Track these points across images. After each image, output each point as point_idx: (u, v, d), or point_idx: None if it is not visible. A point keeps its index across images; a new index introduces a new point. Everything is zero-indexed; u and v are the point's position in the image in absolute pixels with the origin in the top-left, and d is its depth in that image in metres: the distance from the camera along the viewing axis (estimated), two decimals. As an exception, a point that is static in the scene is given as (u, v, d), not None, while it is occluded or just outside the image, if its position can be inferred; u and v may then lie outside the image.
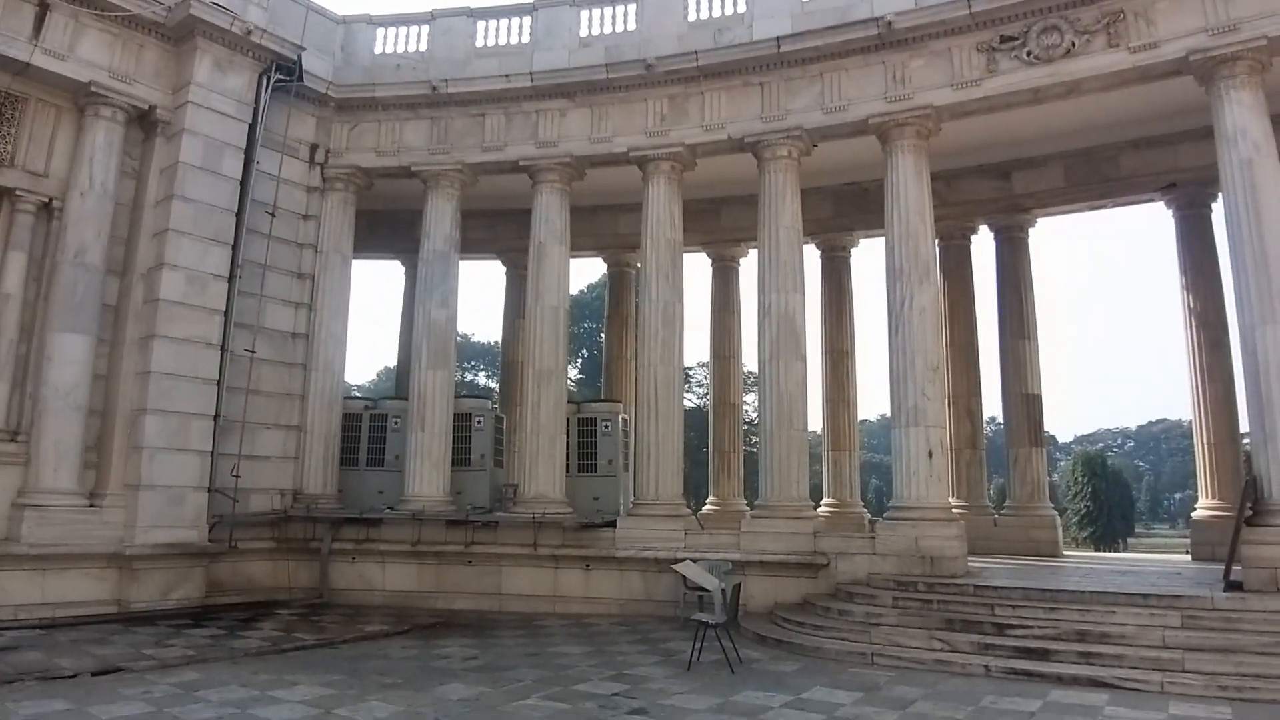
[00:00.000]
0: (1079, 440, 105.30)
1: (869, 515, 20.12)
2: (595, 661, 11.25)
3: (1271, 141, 12.19)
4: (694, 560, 14.00)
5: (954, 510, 18.61)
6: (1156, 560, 17.35)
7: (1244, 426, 17.43)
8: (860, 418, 22.31)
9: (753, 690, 9.58)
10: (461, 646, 12.29)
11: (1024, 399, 18.68)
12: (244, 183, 15.66)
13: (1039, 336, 19.10)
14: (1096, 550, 59.93)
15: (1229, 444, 16.94)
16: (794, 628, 12.35)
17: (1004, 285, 19.33)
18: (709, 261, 22.51)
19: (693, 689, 9.66)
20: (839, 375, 20.13)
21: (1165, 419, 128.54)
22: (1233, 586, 11.13)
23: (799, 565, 13.94)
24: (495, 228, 21.38)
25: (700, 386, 73.31)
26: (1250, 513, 11.43)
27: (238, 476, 15.27)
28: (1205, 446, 17.17)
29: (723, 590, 13.93)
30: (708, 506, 21.53)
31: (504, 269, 23.06)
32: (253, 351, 15.89)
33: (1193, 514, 17.50)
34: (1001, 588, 11.88)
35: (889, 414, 14.18)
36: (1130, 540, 70.45)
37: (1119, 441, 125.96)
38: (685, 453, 16.67)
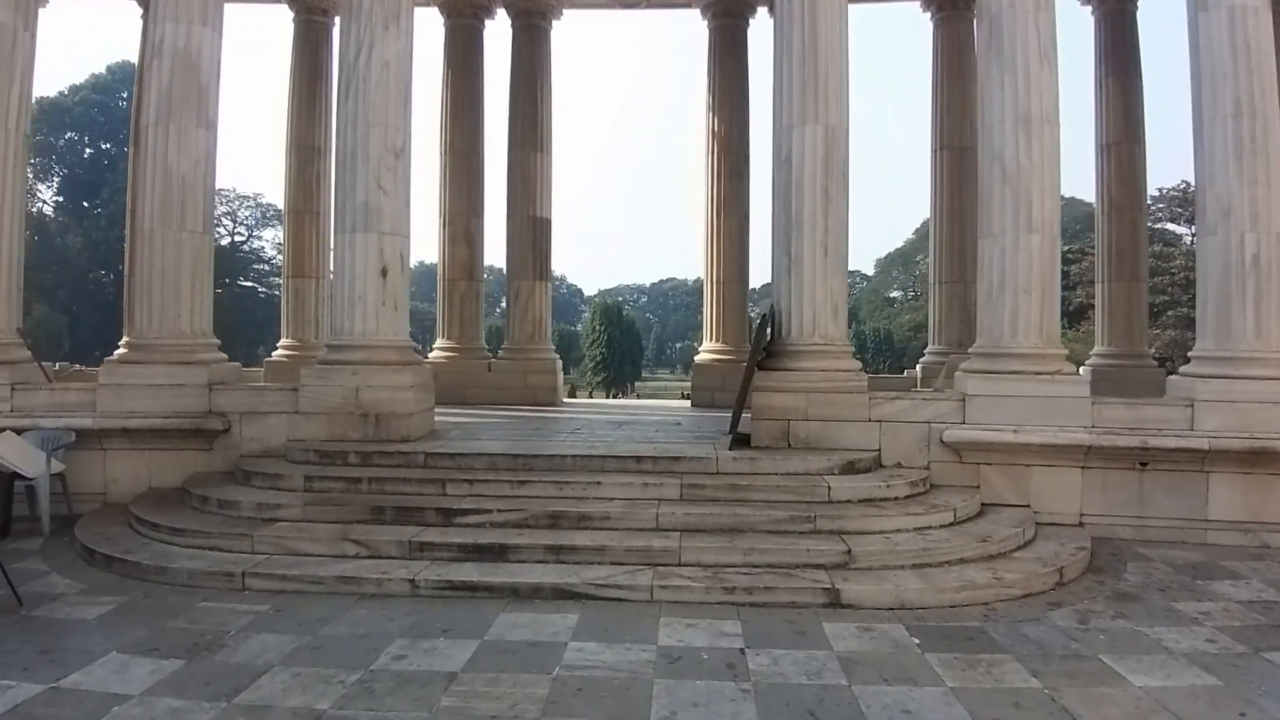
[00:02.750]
0: (602, 294, 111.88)
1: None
2: None
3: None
4: (18, 431, 8.93)
5: (444, 353, 15.31)
6: (657, 407, 15.72)
7: (755, 265, 16.24)
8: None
9: (-19, 675, 5.07)
10: None
11: (531, 223, 15.59)
12: None
13: (554, 151, 16.01)
14: (607, 395, 63.28)
15: (737, 283, 15.56)
16: (148, 531, 7.87)
17: (518, 84, 15.78)
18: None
19: None
20: (307, 179, 15.21)
21: (674, 278, 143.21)
22: (740, 441, 8.98)
23: (186, 432, 9.35)
24: None
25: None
26: (764, 355, 9.28)
27: None
28: (714, 285, 15.63)
29: (62, 475, 9.13)
30: (123, 350, 15.73)
31: None
32: None
33: (695, 358, 16.08)
34: (463, 455, 8.51)
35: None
36: (638, 384, 76.46)
37: (635, 296, 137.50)
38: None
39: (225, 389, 9.54)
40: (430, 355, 15.65)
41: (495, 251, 16.93)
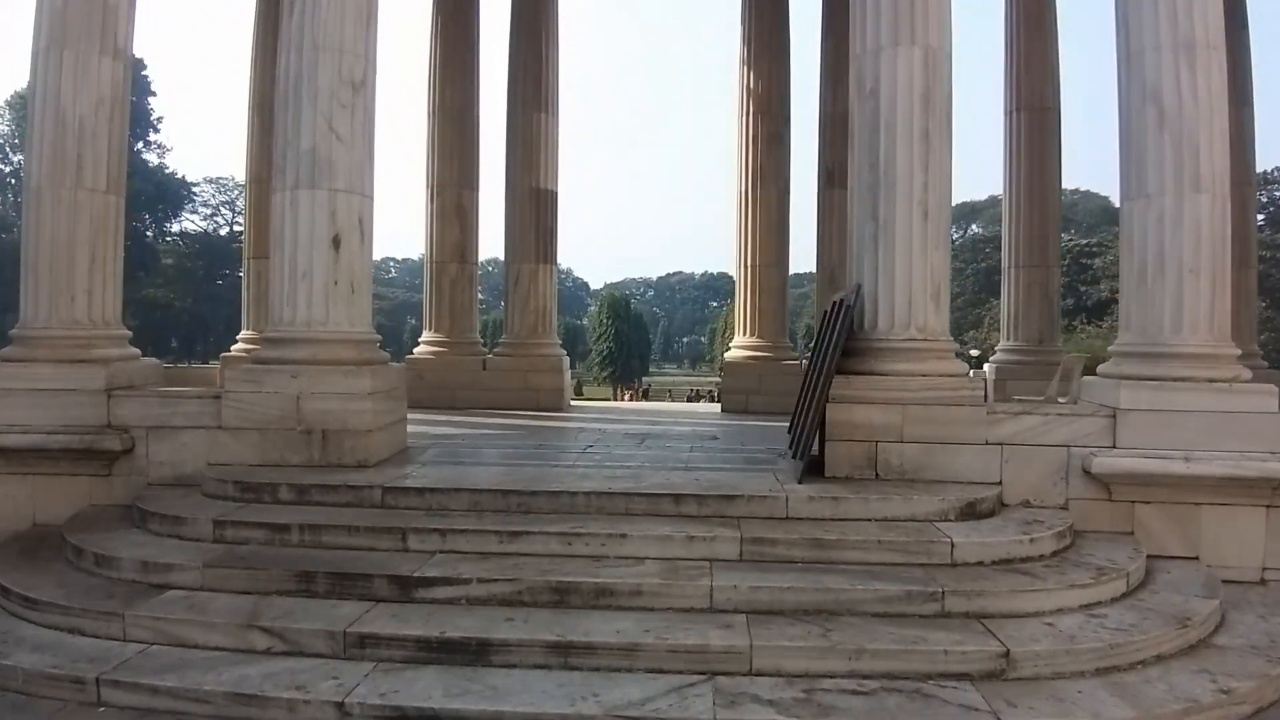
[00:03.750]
0: (608, 287, 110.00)
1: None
2: None
3: None
4: None
5: (431, 348, 13.04)
6: (682, 414, 13.43)
7: (797, 247, 13.94)
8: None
9: None
10: None
11: (534, 195, 13.27)
12: None
13: (560, 112, 13.70)
14: (615, 393, 60.89)
15: (775, 267, 13.27)
16: (-9, 598, 5.62)
17: (519, 35, 13.45)
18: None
19: None
20: (271, 143, 12.86)
21: (681, 271, 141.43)
22: (811, 470, 6.67)
23: (76, 453, 7.06)
24: None
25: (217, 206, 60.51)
26: (840, 354, 6.95)
27: None
28: (748, 270, 13.33)
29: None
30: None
31: None
32: None
33: (726, 355, 13.77)
34: (435, 490, 6.21)
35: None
36: (644, 379, 74.33)
37: (642, 290, 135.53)
38: None
39: (129, 396, 7.25)
40: (415, 351, 13.41)
41: (493, 231, 14.64)
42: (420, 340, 13.48)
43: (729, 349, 13.80)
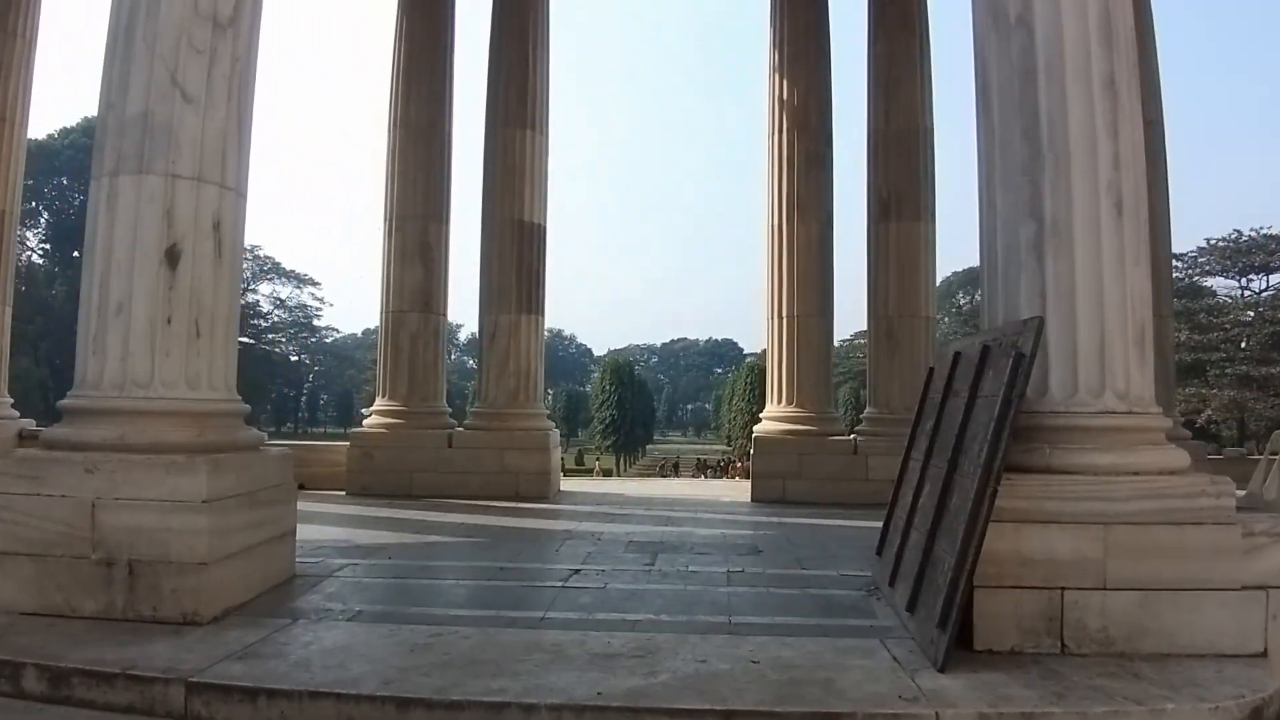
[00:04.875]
0: (612, 354, 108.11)
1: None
2: None
3: None
4: None
5: (385, 419, 10.38)
6: (701, 503, 10.56)
7: (836, 299, 11.31)
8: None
9: None
10: None
11: (517, 230, 10.71)
12: None
13: (549, 130, 11.23)
14: (617, 464, 57.86)
15: (817, 317, 10.60)
16: None
17: (502, 37, 11.08)
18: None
19: None
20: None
21: (685, 338, 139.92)
22: (961, 646, 3.88)
23: None
24: None
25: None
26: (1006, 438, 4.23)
27: None
28: (781, 321, 10.67)
29: None
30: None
31: None
32: None
33: (756, 428, 11.00)
34: (277, 694, 3.43)
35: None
36: (649, 447, 71.36)
37: (646, 356, 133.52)
38: None
39: None
40: (365, 423, 10.71)
41: (466, 273, 12.05)
42: (370, 410, 10.78)
43: (758, 420, 11.05)
